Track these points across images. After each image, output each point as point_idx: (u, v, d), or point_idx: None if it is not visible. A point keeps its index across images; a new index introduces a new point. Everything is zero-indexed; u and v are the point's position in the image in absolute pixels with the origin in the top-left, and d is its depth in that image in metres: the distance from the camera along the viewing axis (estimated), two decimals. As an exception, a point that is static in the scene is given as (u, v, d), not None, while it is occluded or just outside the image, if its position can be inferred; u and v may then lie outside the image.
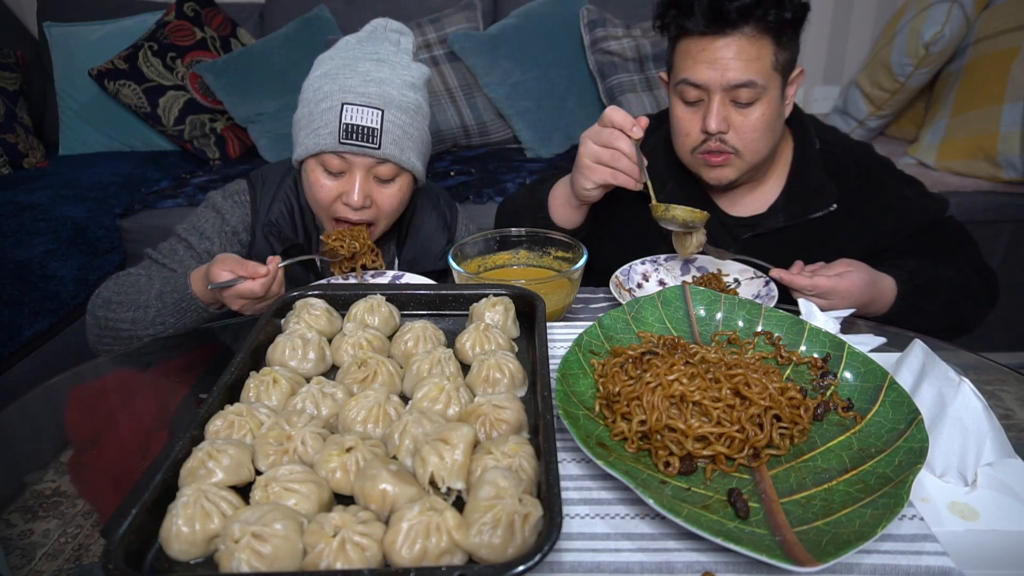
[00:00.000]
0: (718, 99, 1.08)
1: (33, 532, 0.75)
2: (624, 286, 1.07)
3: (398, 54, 1.14)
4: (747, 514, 0.55)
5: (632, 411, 0.64)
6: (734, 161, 1.13)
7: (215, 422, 0.61)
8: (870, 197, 1.18)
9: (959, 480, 0.63)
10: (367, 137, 1.08)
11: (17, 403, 0.91)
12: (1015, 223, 2.07)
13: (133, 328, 1.10)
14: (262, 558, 0.47)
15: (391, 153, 1.11)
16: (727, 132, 1.10)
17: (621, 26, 2.49)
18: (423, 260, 1.29)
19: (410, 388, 0.69)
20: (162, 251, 1.20)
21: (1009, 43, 2.08)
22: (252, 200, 1.22)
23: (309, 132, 1.11)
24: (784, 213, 1.19)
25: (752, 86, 1.06)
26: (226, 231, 1.20)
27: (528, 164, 2.38)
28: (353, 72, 1.10)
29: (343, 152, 1.10)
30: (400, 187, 1.16)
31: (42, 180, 2.31)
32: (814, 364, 0.73)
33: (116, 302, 1.12)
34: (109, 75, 2.49)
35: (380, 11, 2.73)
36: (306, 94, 1.14)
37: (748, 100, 1.07)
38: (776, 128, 1.13)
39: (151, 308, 1.08)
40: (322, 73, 1.13)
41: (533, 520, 0.49)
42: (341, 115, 1.07)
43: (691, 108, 1.13)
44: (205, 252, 1.18)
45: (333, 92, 1.09)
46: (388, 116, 1.10)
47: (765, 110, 1.09)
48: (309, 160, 1.14)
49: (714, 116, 1.08)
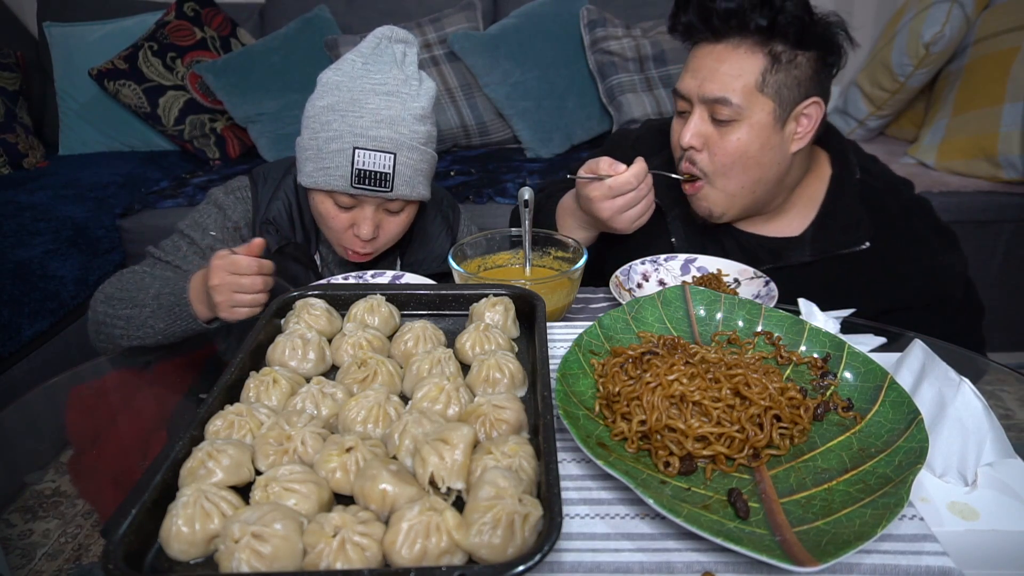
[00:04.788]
0: (698, 112, 1.03)
1: (33, 532, 0.75)
2: (624, 286, 1.06)
3: (407, 82, 1.12)
4: (747, 514, 0.55)
5: (632, 411, 0.64)
6: (708, 193, 1.08)
7: (215, 422, 0.61)
8: (902, 243, 1.10)
9: (959, 480, 0.63)
10: (379, 182, 1.09)
11: (17, 403, 0.91)
12: (1015, 223, 2.07)
13: (127, 327, 1.08)
14: (262, 558, 0.47)
15: (403, 193, 1.13)
16: (700, 150, 1.05)
17: (621, 26, 2.49)
18: (427, 263, 1.30)
19: (410, 388, 0.69)
20: (164, 248, 1.20)
21: (1009, 43, 2.08)
22: (253, 196, 1.23)
23: (319, 168, 1.11)
24: (812, 247, 1.11)
25: (727, 104, 1.00)
26: (228, 226, 1.21)
27: (528, 164, 2.39)
28: (362, 110, 1.09)
29: (355, 195, 1.12)
30: (408, 214, 1.19)
31: (42, 180, 2.32)
32: (814, 364, 0.73)
33: (116, 298, 1.11)
34: (109, 75, 2.49)
35: (380, 11, 2.73)
36: (312, 123, 1.13)
37: (726, 119, 1.01)
38: (763, 162, 1.04)
39: (146, 308, 1.07)
40: (328, 105, 1.11)
41: (533, 520, 0.49)
42: (353, 160, 1.08)
43: (680, 120, 1.08)
44: (207, 247, 1.18)
45: (344, 133, 1.09)
46: (400, 159, 1.10)
47: (743, 136, 1.01)
48: (319, 192, 1.15)
49: (690, 128, 1.03)
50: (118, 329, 1.09)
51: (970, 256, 1.16)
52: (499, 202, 2.10)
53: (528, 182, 2.19)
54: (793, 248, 1.13)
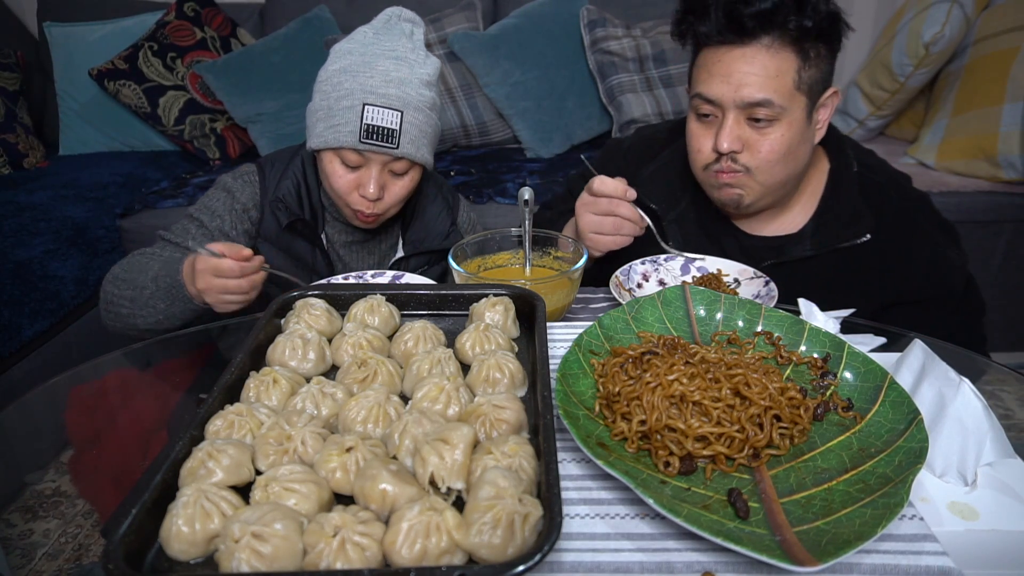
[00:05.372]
0: (732, 116, 1.01)
1: (33, 532, 0.75)
2: (624, 286, 1.07)
3: (415, 50, 1.18)
4: (747, 514, 0.55)
5: (632, 411, 0.64)
6: (746, 182, 1.06)
7: (215, 422, 0.61)
8: (905, 235, 1.10)
9: (959, 480, 0.63)
10: (386, 138, 1.13)
11: (17, 403, 0.91)
12: (1015, 223, 2.07)
13: (132, 307, 1.13)
14: (262, 558, 0.47)
15: (408, 152, 1.16)
16: (740, 152, 1.03)
17: (621, 26, 2.49)
18: (428, 240, 1.34)
19: (410, 388, 0.69)
20: (174, 231, 1.24)
21: (1009, 43, 2.08)
22: (261, 180, 1.28)
23: (329, 126, 1.15)
24: (812, 241, 1.11)
25: (769, 105, 0.99)
26: (236, 208, 1.25)
27: (528, 164, 2.39)
28: (373, 71, 1.14)
29: (363, 150, 1.14)
30: (412, 178, 1.22)
31: (42, 180, 2.32)
32: (814, 364, 0.73)
33: (122, 279, 1.16)
34: (109, 75, 2.49)
35: (380, 11, 2.72)
36: (324, 86, 1.17)
37: (766, 120, 1.00)
38: (799, 155, 1.05)
39: (147, 289, 1.11)
40: (341, 68, 1.16)
41: (533, 520, 0.49)
42: (363, 115, 1.12)
43: (705, 123, 1.06)
44: (216, 230, 1.23)
45: (354, 91, 1.13)
46: (407, 117, 1.14)
47: (784, 132, 1.01)
48: (327, 152, 1.18)
49: (726, 135, 1.01)
50: (124, 309, 1.14)
51: (970, 256, 1.16)
52: (499, 202, 2.10)
53: (528, 182, 2.19)
54: (794, 244, 1.13)
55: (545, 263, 1.07)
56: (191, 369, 1.10)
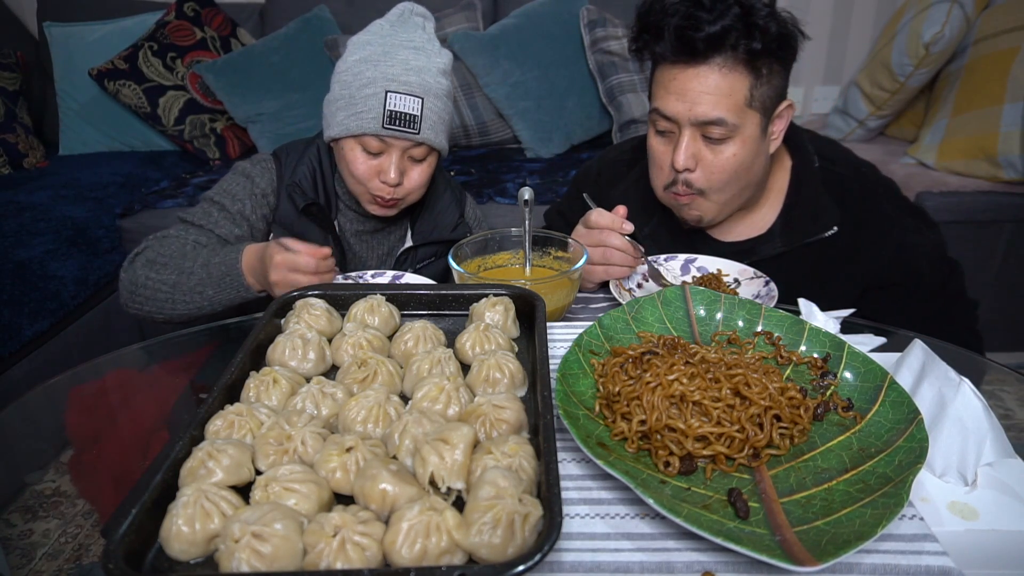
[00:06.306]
0: (688, 134, 1.03)
1: (33, 532, 0.75)
2: (624, 286, 1.07)
3: (430, 41, 1.22)
4: (747, 514, 0.55)
5: (632, 411, 0.64)
6: (701, 203, 1.09)
7: (215, 422, 0.61)
8: (871, 221, 1.12)
9: (959, 480, 0.63)
10: (409, 123, 1.17)
11: (17, 403, 0.91)
12: (1015, 223, 2.07)
13: (172, 292, 1.14)
14: (262, 558, 0.47)
15: (428, 137, 1.20)
16: (694, 170, 1.06)
17: (621, 26, 2.49)
18: (437, 230, 1.37)
19: (410, 388, 0.69)
20: (195, 214, 1.25)
21: (1009, 43, 2.08)
22: (277, 168, 1.31)
23: (351, 114, 1.18)
24: (782, 238, 1.14)
25: (722, 124, 1.01)
26: (256, 193, 1.27)
27: (528, 164, 2.39)
28: (393, 60, 1.18)
29: (385, 136, 1.17)
30: (430, 163, 1.26)
31: (42, 180, 2.32)
32: (814, 364, 0.73)
33: (160, 263, 1.16)
34: (109, 75, 2.49)
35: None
36: (344, 76, 1.20)
37: (719, 137, 1.02)
38: (753, 169, 1.08)
39: (194, 275, 1.12)
40: (361, 58, 1.19)
41: (533, 520, 0.49)
42: (385, 102, 1.16)
43: (664, 139, 1.09)
44: (238, 213, 1.25)
45: (376, 79, 1.16)
46: (427, 104, 1.18)
47: (738, 151, 1.03)
48: (348, 140, 1.20)
49: (682, 152, 1.04)
50: (162, 294, 1.14)
51: (970, 256, 1.16)
52: (499, 202, 2.10)
53: (528, 182, 2.19)
54: (764, 243, 1.16)
55: (545, 263, 1.07)
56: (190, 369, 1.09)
